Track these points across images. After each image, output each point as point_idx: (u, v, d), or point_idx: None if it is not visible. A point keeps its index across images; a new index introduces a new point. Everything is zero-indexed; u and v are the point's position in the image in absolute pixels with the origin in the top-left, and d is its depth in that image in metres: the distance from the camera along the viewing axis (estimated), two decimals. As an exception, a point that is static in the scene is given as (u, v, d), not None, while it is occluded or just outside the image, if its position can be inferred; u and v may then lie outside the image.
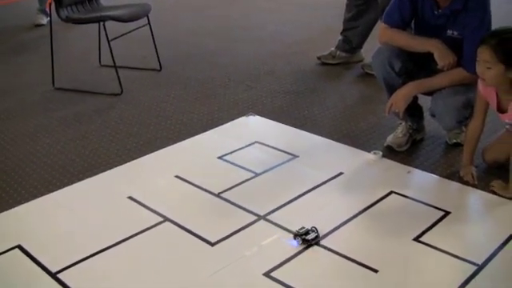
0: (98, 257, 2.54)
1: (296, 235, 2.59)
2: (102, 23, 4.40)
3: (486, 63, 2.79)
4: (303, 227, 2.62)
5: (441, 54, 3.09)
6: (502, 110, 2.94)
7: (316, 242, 2.58)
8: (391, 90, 3.25)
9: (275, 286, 2.33)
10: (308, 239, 2.57)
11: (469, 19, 3.06)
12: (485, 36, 2.83)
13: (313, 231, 2.60)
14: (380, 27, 3.40)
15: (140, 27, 4.73)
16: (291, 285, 2.33)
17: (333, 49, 4.88)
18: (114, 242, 2.62)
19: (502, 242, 2.56)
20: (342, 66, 4.82)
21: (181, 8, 7.00)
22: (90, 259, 2.52)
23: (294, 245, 2.57)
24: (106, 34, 4.34)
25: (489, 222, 2.78)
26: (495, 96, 2.93)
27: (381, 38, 3.34)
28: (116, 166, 3.31)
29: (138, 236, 2.67)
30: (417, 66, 3.26)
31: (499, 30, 2.82)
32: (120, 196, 2.99)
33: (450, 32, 3.14)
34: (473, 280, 2.34)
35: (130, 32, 4.74)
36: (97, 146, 3.58)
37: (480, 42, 2.82)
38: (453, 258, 2.47)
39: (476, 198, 2.96)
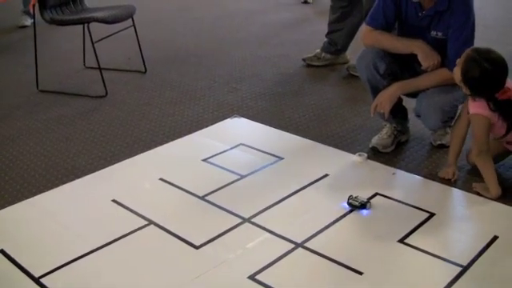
0: (82, 261, 2.52)
1: (349, 199, 2.85)
2: (86, 25, 4.38)
3: (458, 63, 2.85)
4: (358, 197, 2.86)
5: (425, 55, 3.10)
6: None
7: (363, 207, 2.82)
8: (376, 91, 3.25)
9: (260, 289, 2.33)
10: (356, 205, 2.82)
11: (453, 20, 3.07)
12: (470, 47, 2.87)
13: (365, 202, 2.84)
14: (364, 29, 3.39)
15: (124, 29, 4.70)
16: (276, 288, 2.33)
17: (318, 50, 4.88)
18: (97, 246, 2.60)
19: (486, 243, 2.57)
20: (327, 68, 4.82)
21: (166, 9, 6.98)
22: (74, 263, 2.50)
23: (346, 207, 2.83)
24: (91, 36, 4.32)
25: (473, 223, 2.79)
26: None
27: (365, 40, 3.33)
28: (100, 168, 3.29)
29: (122, 239, 2.66)
30: (401, 67, 3.27)
31: (494, 56, 2.82)
32: (104, 199, 2.97)
33: (434, 33, 3.15)
34: (458, 281, 2.34)
35: (114, 34, 4.72)
36: (81, 148, 3.56)
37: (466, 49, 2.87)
38: (438, 260, 2.47)
39: (461, 199, 2.97)
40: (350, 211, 2.82)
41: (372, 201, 2.88)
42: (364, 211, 2.81)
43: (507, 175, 3.09)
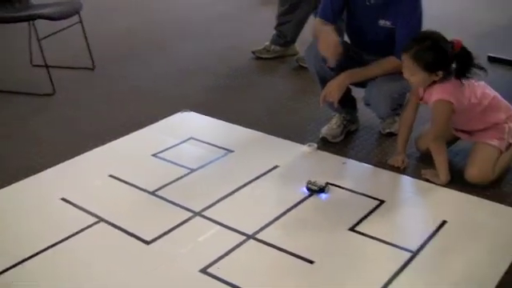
0: (31, 262, 2.47)
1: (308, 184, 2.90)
2: (31, 22, 4.31)
3: (410, 70, 2.84)
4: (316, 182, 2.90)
5: (322, 40, 3.09)
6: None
7: (321, 191, 2.88)
8: (324, 82, 3.25)
9: (212, 282, 2.32)
10: (314, 189, 2.87)
11: (401, 8, 3.09)
12: (407, 43, 2.85)
13: (323, 186, 2.89)
14: (315, 21, 3.40)
15: (71, 25, 4.64)
16: (228, 280, 2.31)
17: (267, 43, 4.88)
18: (47, 246, 2.55)
19: (435, 228, 2.61)
20: (276, 60, 4.83)
21: (113, 6, 6.90)
22: (22, 264, 2.46)
23: (305, 192, 2.88)
24: (37, 33, 4.25)
25: (422, 208, 2.83)
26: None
27: (314, 32, 3.34)
28: (48, 167, 3.23)
29: (73, 238, 2.62)
30: (349, 58, 3.27)
31: (421, 35, 2.86)
32: (53, 198, 2.93)
33: (382, 22, 3.17)
34: (407, 266, 2.37)
35: (61, 30, 4.64)
36: (28, 147, 3.50)
37: (403, 48, 2.85)
38: (388, 246, 2.50)
39: (409, 185, 3.01)
40: (306, 198, 2.84)
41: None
42: (323, 195, 2.87)
43: (454, 161, 3.13)
